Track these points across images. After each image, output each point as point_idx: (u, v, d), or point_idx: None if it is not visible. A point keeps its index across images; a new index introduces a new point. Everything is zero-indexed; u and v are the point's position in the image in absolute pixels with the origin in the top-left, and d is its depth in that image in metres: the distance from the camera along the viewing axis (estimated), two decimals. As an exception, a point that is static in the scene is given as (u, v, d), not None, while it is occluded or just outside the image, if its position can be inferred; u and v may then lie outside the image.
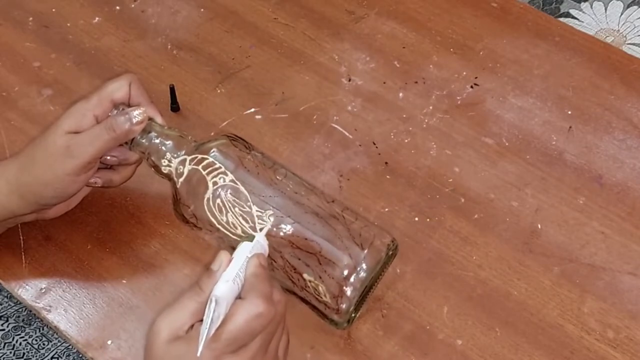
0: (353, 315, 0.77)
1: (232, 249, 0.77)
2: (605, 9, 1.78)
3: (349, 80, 1.00)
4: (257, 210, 0.75)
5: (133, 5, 1.08)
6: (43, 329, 0.90)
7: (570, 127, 0.96)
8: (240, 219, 0.75)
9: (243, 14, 1.07)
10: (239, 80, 1.00)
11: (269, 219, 0.74)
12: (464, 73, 1.00)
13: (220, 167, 0.76)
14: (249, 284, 0.67)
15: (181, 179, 0.77)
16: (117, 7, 1.07)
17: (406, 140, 0.95)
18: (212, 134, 0.94)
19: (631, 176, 0.92)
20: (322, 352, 0.80)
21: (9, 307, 0.94)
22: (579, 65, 1.01)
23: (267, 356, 0.68)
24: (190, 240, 0.87)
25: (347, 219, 0.76)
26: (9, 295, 1.03)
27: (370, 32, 1.05)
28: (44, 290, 0.85)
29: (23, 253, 0.87)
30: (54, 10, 1.07)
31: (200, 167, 0.76)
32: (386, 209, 0.89)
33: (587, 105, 0.97)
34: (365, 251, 0.75)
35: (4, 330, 0.90)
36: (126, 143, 0.80)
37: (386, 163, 0.93)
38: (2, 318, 0.92)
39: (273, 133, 0.95)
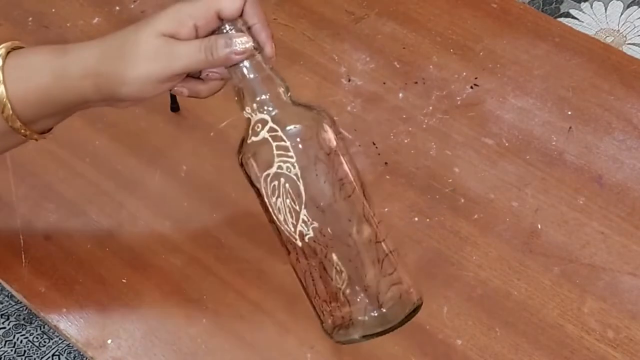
0: (340, 341, 0.74)
1: (277, 232, 0.73)
2: (605, 9, 1.78)
3: (349, 80, 1.00)
4: (304, 216, 0.69)
5: (133, 6, 1.08)
6: (44, 327, 0.90)
7: (570, 127, 0.96)
8: (287, 210, 0.70)
9: (243, 14, 1.07)
10: (239, 80, 1.00)
11: (310, 230, 0.70)
12: (464, 74, 1.00)
13: (292, 157, 0.69)
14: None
15: (254, 138, 0.71)
16: (117, 8, 1.07)
17: (406, 141, 0.95)
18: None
19: (631, 176, 0.92)
20: (322, 352, 0.80)
21: (10, 305, 0.94)
22: (578, 65, 1.01)
23: None
24: (191, 239, 0.87)
25: (384, 269, 0.71)
26: (9, 294, 1.03)
27: (370, 33, 1.05)
28: (43, 290, 0.85)
29: (23, 253, 0.87)
30: (53, 10, 1.07)
31: (274, 144, 0.70)
32: (386, 209, 0.89)
33: (587, 105, 0.97)
34: (383, 310, 0.71)
35: (5, 328, 0.90)
36: None
37: (386, 163, 0.93)
38: (3, 316, 0.92)
39: (273, 133, 0.95)
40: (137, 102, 0.74)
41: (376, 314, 0.71)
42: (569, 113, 0.97)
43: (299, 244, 0.70)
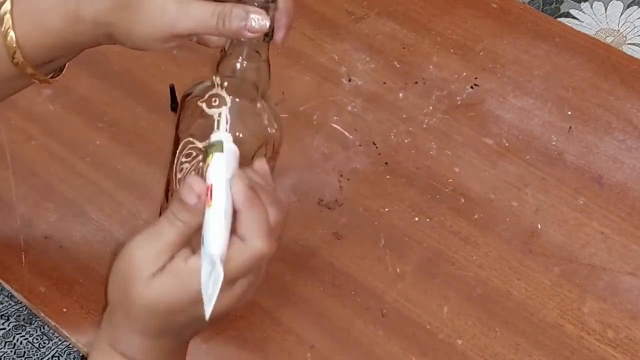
0: None
1: (167, 181, 0.73)
2: (605, 9, 1.78)
3: (349, 80, 1.00)
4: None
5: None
6: (44, 328, 0.90)
7: (570, 127, 0.96)
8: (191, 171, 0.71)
9: (243, 14, 1.06)
10: (239, 80, 1.00)
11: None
12: (464, 73, 1.00)
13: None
14: (246, 220, 0.59)
15: (205, 106, 0.69)
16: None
17: (406, 141, 0.95)
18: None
19: (631, 176, 0.92)
20: (322, 352, 0.80)
21: (9, 305, 0.93)
22: (578, 65, 1.01)
23: (261, 273, 0.63)
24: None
25: None
26: (9, 294, 1.03)
27: (371, 33, 1.05)
28: (43, 289, 0.85)
29: (23, 253, 0.87)
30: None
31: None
32: (386, 209, 0.89)
33: (587, 105, 0.97)
34: None
35: (4, 329, 0.90)
36: None
37: (386, 163, 0.93)
38: (3, 317, 0.91)
39: (273, 133, 0.95)
40: (146, 50, 0.69)
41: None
42: (569, 113, 0.97)
43: None
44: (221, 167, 0.59)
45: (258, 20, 0.64)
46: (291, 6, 0.68)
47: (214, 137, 0.61)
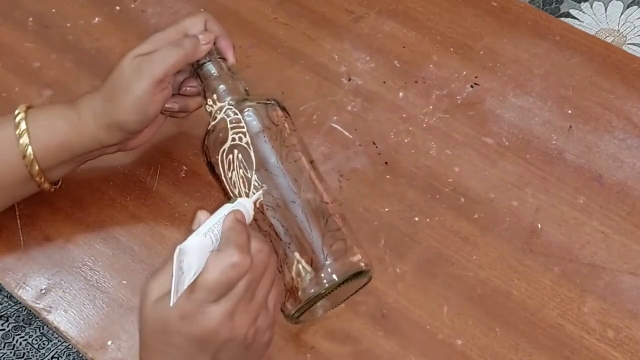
0: (296, 316, 0.76)
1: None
2: (605, 9, 1.78)
3: (349, 80, 1.00)
4: (255, 181, 0.76)
5: (133, 5, 1.07)
6: (43, 329, 0.90)
7: (570, 126, 0.96)
8: (241, 181, 0.76)
9: (243, 14, 1.07)
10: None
11: (261, 193, 0.75)
12: (464, 73, 1.00)
13: (243, 127, 0.78)
14: (224, 237, 0.67)
15: (213, 123, 0.80)
16: (117, 7, 1.07)
17: (406, 140, 0.95)
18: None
19: (631, 176, 0.92)
20: (322, 353, 0.80)
21: (9, 306, 0.94)
22: (579, 64, 1.01)
23: (253, 304, 0.68)
24: (190, 240, 0.87)
25: (329, 225, 0.76)
26: (9, 295, 1.03)
27: (370, 32, 1.04)
28: (44, 290, 0.85)
29: (23, 253, 0.87)
30: (54, 10, 1.07)
31: (228, 119, 0.78)
32: (386, 209, 0.89)
33: (587, 104, 0.97)
34: (328, 263, 0.74)
35: (4, 330, 0.90)
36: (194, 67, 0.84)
37: (386, 163, 0.93)
38: (3, 318, 0.92)
39: (273, 133, 0.95)
40: (144, 124, 0.82)
41: (321, 266, 0.74)
42: (569, 112, 0.97)
43: None
44: (225, 209, 0.69)
45: (207, 36, 0.82)
46: (222, 30, 0.84)
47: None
